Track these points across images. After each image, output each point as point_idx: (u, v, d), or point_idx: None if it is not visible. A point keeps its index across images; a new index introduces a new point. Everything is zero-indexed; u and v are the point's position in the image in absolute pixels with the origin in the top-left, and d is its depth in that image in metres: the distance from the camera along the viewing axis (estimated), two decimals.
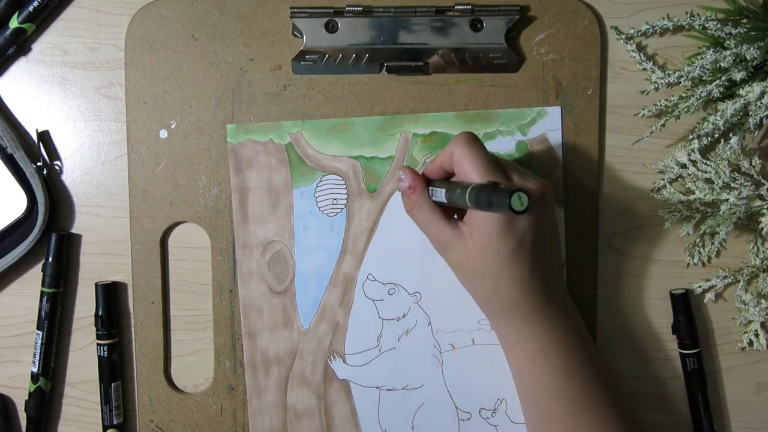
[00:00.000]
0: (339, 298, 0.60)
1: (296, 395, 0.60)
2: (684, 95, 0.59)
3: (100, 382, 0.60)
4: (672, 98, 0.59)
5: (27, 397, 0.60)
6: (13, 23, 0.58)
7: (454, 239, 0.52)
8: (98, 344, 0.60)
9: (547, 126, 0.59)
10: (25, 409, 0.60)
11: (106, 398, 0.60)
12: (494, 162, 0.51)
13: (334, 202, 0.59)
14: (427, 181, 0.55)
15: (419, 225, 0.55)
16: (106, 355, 0.60)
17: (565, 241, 0.60)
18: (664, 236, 0.61)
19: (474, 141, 0.52)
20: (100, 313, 0.60)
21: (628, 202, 0.61)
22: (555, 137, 0.59)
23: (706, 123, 0.58)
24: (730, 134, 0.57)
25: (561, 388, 0.52)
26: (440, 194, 0.53)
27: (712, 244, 0.61)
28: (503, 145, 0.59)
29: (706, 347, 0.62)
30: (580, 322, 0.55)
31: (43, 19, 0.59)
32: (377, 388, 0.60)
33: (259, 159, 0.59)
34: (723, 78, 0.56)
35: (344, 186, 0.59)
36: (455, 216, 0.55)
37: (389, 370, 0.60)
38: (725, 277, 0.61)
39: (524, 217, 0.50)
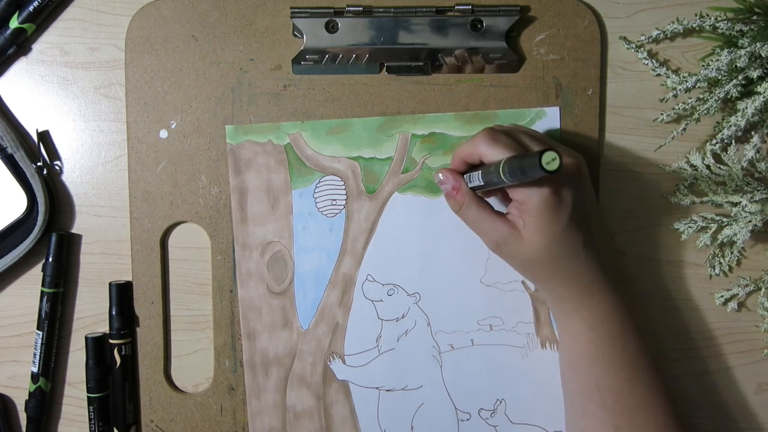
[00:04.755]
0: (338, 299, 0.60)
1: (296, 396, 0.60)
2: (701, 97, 0.58)
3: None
4: (690, 100, 0.59)
5: (27, 397, 0.60)
6: (13, 23, 0.58)
7: (508, 233, 0.52)
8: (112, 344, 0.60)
9: (546, 126, 0.59)
10: (25, 409, 0.60)
11: None
12: (525, 142, 0.52)
13: (333, 202, 0.59)
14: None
15: (470, 224, 0.55)
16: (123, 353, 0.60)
17: None
18: (665, 236, 0.61)
19: (497, 137, 0.52)
20: (114, 313, 0.60)
21: (629, 202, 0.61)
22: (554, 137, 0.59)
23: (727, 124, 0.58)
24: (752, 132, 0.57)
25: (617, 353, 0.53)
26: (476, 178, 0.53)
27: (732, 253, 0.61)
28: None
29: (707, 347, 0.62)
30: (630, 292, 0.56)
31: (43, 19, 0.59)
32: (376, 388, 0.60)
33: (258, 160, 0.59)
34: (740, 77, 0.56)
35: (343, 187, 0.59)
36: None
37: (388, 370, 0.60)
38: (746, 285, 0.61)
39: (569, 191, 0.50)
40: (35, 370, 0.60)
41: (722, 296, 0.61)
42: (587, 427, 0.54)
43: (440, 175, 0.55)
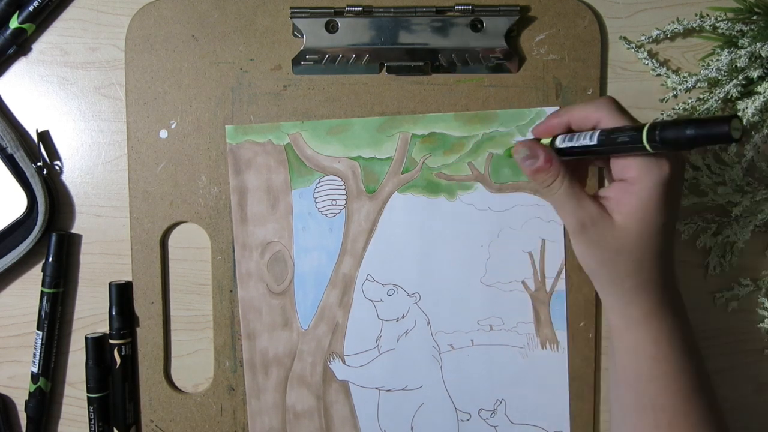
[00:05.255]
0: (338, 299, 0.60)
1: (295, 396, 0.60)
2: (701, 97, 0.58)
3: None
4: (690, 100, 0.59)
5: (27, 397, 0.60)
6: (13, 23, 0.58)
7: (597, 214, 0.47)
8: (111, 344, 0.60)
9: None
10: (25, 409, 0.60)
11: None
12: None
13: (333, 202, 0.59)
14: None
15: (556, 201, 0.49)
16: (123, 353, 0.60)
17: (565, 242, 0.60)
18: None
19: (621, 106, 0.48)
20: (114, 313, 0.59)
21: None
22: None
23: None
24: (753, 132, 0.58)
25: (678, 371, 0.49)
26: (581, 138, 0.47)
27: (732, 253, 0.61)
28: (503, 146, 0.59)
29: (707, 347, 0.62)
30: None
31: (43, 19, 0.59)
32: (376, 388, 0.60)
33: (258, 160, 0.59)
34: (740, 77, 0.56)
35: (343, 187, 0.59)
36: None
37: (388, 370, 0.60)
38: (746, 285, 0.61)
39: (680, 186, 0.46)
40: (35, 370, 0.60)
41: (722, 296, 0.61)
42: None
43: (525, 149, 0.49)
